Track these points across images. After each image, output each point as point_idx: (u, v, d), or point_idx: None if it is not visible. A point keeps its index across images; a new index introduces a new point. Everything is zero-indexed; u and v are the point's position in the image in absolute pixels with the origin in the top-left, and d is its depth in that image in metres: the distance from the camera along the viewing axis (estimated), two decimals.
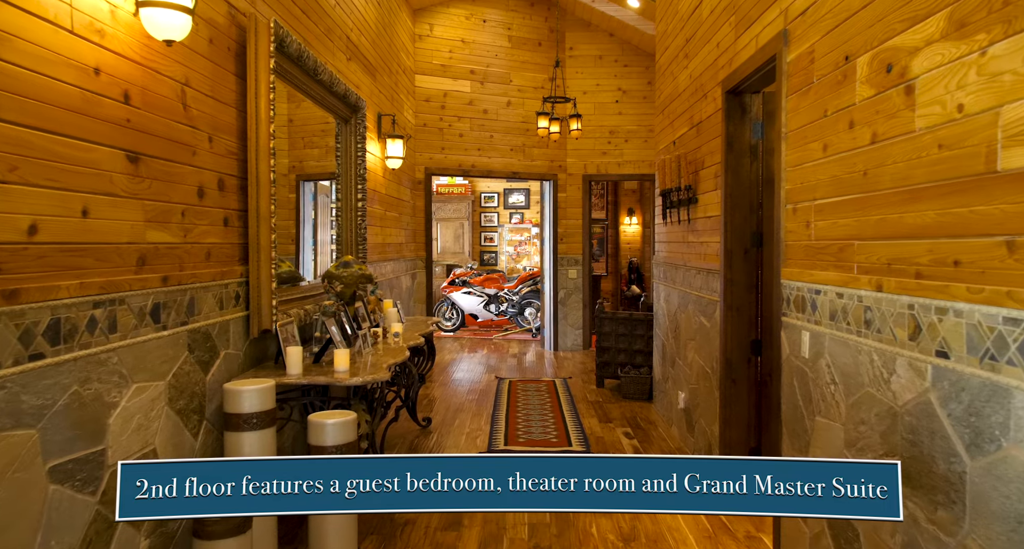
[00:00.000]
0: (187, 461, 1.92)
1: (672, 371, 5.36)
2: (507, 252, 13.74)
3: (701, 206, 4.54)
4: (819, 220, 2.64)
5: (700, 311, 4.50)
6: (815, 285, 2.65)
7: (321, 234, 5.22)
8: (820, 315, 2.59)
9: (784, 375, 2.99)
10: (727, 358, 3.94)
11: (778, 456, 3.06)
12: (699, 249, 4.58)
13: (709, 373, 4.28)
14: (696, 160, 4.64)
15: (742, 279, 3.92)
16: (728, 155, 3.91)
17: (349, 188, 5.08)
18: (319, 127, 5.04)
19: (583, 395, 6.66)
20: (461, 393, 6.79)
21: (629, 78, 9.25)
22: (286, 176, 5.00)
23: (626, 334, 6.78)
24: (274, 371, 3.16)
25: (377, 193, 6.29)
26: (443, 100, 8.59)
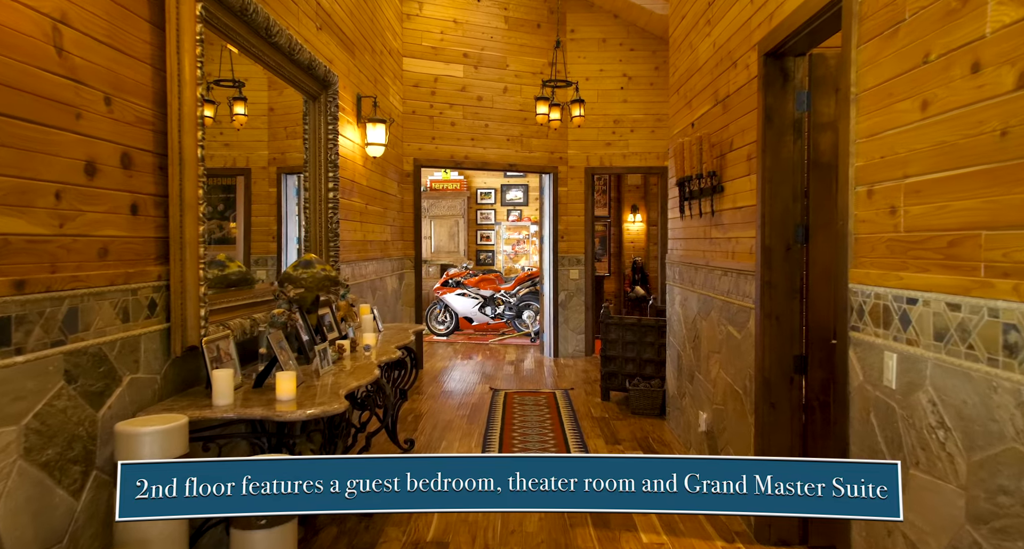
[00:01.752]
0: (187, 461, 1.77)
1: (690, 387, 4.68)
2: (504, 251, 13.06)
3: (728, 195, 3.86)
4: (914, 204, 1.95)
5: (727, 319, 3.82)
6: (907, 291, 1.97)
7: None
8: (917, 333, 1.91)
9: (855, 408, 2.31)
10: (764, 377, 3.25)
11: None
12: (726, 246, 3.90)
13: (739, 393, 3.60)
14: (722, 142, 3.96)
15: (783, 282, 3.24)
16: (766, 132, 3.23)
17: (318, 176, 4.40)
18: (302, 116, 4.37)
19: (587, 410, 5.98)
20: (451, 407, 6.10)
21: (635, 63, 8.57)
22: (266, 169, 4.39)
23: (635, 342, 6.10)
24: (204, 400, 2.48)
25: (356, 184, 5.60)
26: (434, 86, 7.90)
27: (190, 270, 2.54)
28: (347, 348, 3.46)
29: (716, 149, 4.04)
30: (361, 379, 2.91)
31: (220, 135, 3.75)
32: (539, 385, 7.06)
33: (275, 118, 4.45)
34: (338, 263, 4.55)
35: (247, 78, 4.12)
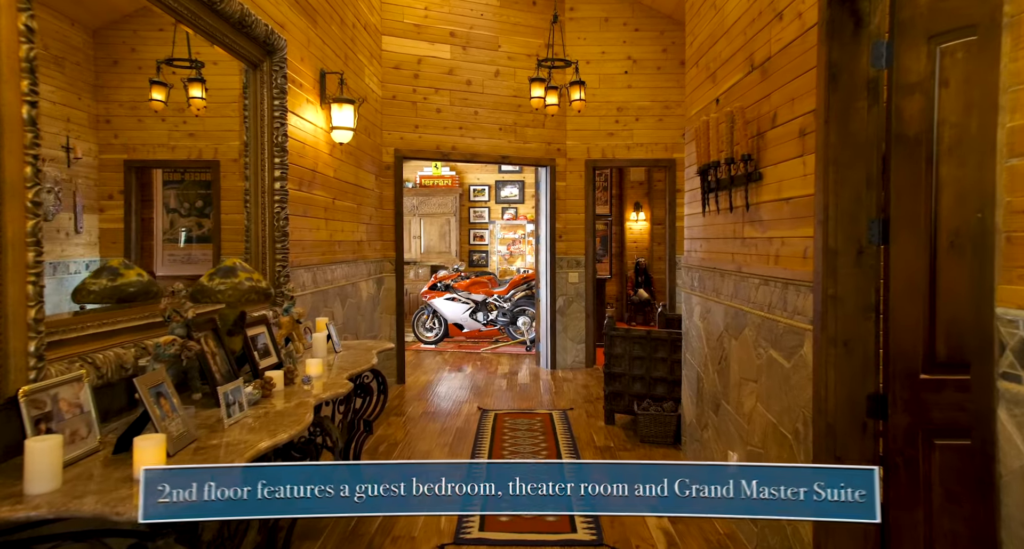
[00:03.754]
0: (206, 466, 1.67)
1: (714, 418, 3.87)
2: (499, 252, 12.25)
3: (769, 184, 3.05)
4: None
5: (769, 341, 3.01)
6: None
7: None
8: None
9: (1011, 499, 1.50)
10: (827, 422, 2.44)
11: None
12: (765, 248, 3.10)
13: (787, 438, 2.80)
14: (760, 117, 3.15)
15: (852, 296, 2.43)
16: (830, 97, 2.42)
17: (260, 163, 3.59)
18: (242, 90, 3.58)
19: (588, 436, 5.17)
20: (432, 433, 5.29)
21: (640, 45, 7.76)
22: (236, 161, 3.75)
23: (643, 357, 5.29)
24: (17, 483, 1.65)
25: (320, 175, 4.79)
26: (417, 68, 7.08)
27: (13, 285, 1.73)
28: (278, 382, 2.65)
29: (752, 127, 3.23)
30: (281, 433, 2.10)
31: (184, 124, 3.27)
32: (534, 404, 6.25)
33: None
34: (287, 268, 3.74)
35: (216, 61, 3.44)
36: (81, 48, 2.61)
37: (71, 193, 2.48)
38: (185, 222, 3.53)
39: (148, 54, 3.00)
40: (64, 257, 2.45)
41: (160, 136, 3.19)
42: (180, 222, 3.41)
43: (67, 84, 2.53)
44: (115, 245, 2.77)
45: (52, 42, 2.41)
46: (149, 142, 3.06)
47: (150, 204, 3.13)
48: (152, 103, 3.06)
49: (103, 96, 2.71)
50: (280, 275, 3.67)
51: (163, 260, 3.22)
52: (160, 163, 3.25)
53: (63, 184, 2.48)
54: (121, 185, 2.81)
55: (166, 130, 3.24)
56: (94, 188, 2.62)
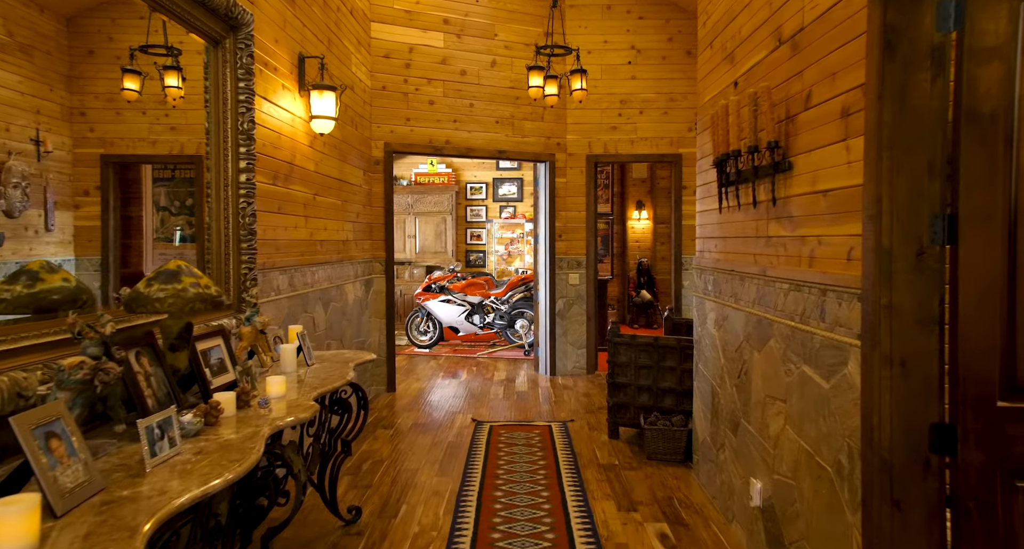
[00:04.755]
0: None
1: (732, 438, 3.47)
2: (497, 251, 11.85)
3: (801, 175, 2.65)
4: None
5: (802, 356, 2.61)
6: None
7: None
8: None
9: None
10: (881, 458, 2.04)
11: None
12: (796, 248, 2.70)
13: (826, 471, 2.39)
14: (790, 98, 2.75)
15: (911, 306, 2.02)
16: (885, 66, 2.02)
17: (222, 152, 3.19)
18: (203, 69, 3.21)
19: (591, 452, 4.77)
20: (422, 448, 4.89)
21: (645, 34, 7.36)
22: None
23: (650, 366, 4.89)
24: None
25: (297, 169, 4.39)
26: (408, 57, 6.68)
27: None
28: (227, 407, 2.24)
29: (779, 110, 2.83)
30: (215, 477, 1.69)
31: (165, 117, 3.08)
32: (532, 414, 5.84)
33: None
34: (254, 270, 3.34)
35: (199, 50, 3.19)
36: (53, 36, 2.46)
37: (41, 189, 2.33)
38: (177, 220, 3.33)
39: (127, 44, 2.82)
40: (32, 256, 2.30)
41: (140, 130, 3.00)
42: (171, 221, 3.22)
43: (37, 74, 2.36)
44: (91, 244, 2.61)
45: (19, 29, 2.26)
46: (128, 136, 2.91)
47: (138, 201, 3.01)
48: (125, 93, 2.85)
49: (78, 87, 2.57)
50: (246, 278, 3.27)
51: (154, 259, 3.01)
52: (140, 158, 3.05)
53: (32, 179, 2.30)
54: (97, 180, 2.65)
55: (146, 123, 3.04)
56: (68, 184, 2.49)
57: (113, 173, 2.73)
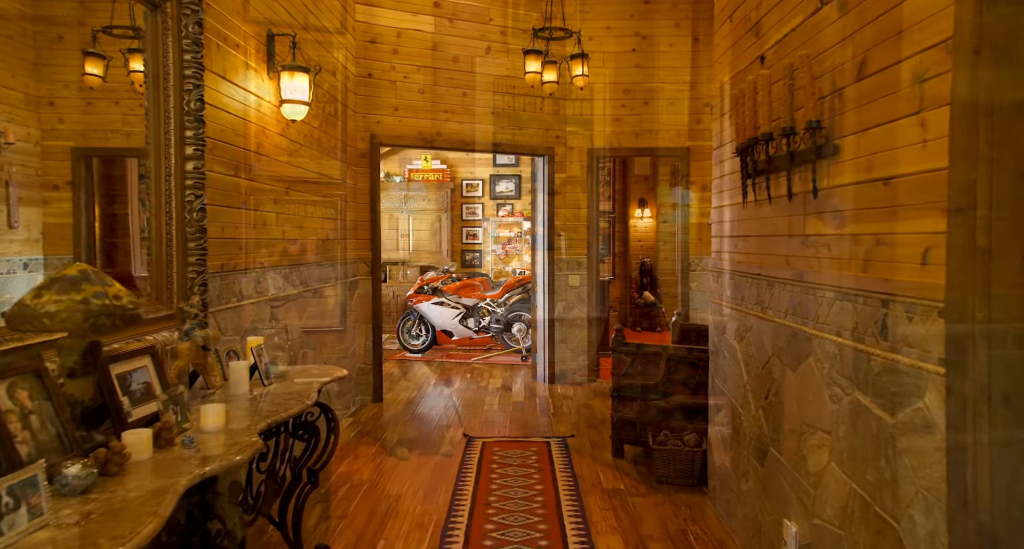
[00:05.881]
0: None
1: (758, 468, 3.00)
2: (494, 251, 11.38)
3: (851, 160, 2.18)
4: None
5: (852, 379, 2.14)
6: None
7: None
8: None
9: None
10: (980, 524, 1.57)
11: None
12: (844, 248, 2.22)
13: (892, 526, 1.92)
14: (836, 68, 2.28)
15: (1018, 325, 1.55)
16: (984, 9, 1.55)
17: (162, 135, 2.71)
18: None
19: (593, 475, 4.30)
20: (406, 470, 4.41)
21: (651, 19, 6.88)
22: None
23: (658, 379, 4.42)
24: None
25: (266, 159, 3.92)
26: (396, 42, 6.20)
27: None
28: (137, 449, 1.77)
29: (823, 84, 2.36)
30: None
31: (140, 107, 2.76)
32: (529, 429, 5.37)
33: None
34: (204, 274, 2.86)
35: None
36: (16, 20, 2.28)
37: (3, 183, 2.18)
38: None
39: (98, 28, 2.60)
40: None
41: (113, 121, 2.77)
42: None
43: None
44: (63, 242, 2.44)
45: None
46: (101, 128, 2.71)
47: (123, 198, 2.81)
48: (87, 78, 2.58)
49: (45, 75, 2.40)
50: (193, 284, 2.79)
51: (144, 260, 2.75)
52: (114, 151, 2.80)
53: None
54: (69, 175, 2.48)
55: (119, 114, 2.80)
56: (36, 178, 2.33)
57: (86, 167, 2.55)
